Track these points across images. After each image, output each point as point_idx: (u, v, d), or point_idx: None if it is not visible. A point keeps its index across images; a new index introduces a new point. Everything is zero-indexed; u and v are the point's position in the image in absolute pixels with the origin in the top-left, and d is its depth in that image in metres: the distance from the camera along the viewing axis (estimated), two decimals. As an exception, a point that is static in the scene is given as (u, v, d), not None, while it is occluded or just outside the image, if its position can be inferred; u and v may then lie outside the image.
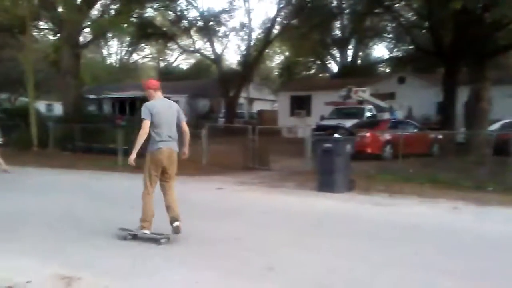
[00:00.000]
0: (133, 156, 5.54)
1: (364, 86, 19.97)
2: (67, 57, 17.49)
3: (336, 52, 37.09)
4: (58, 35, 19.16)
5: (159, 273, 4.26)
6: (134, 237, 5.34)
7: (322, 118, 18.51)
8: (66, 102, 18.54)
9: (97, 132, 16.50)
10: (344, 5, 22.95)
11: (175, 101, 21.68)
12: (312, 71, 40.93)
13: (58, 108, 37.58)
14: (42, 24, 23.66)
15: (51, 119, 20.61)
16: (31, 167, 12.59)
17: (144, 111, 5.37)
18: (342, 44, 34.63)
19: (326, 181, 8.89)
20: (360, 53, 38.64)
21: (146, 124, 5.33)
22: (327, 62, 38.99)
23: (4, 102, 38.21)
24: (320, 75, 40.46)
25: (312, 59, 38.28)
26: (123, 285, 4.03)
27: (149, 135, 5.41)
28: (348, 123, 15.93)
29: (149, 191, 5.51)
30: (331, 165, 8.73)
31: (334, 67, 38.58)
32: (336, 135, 9.48)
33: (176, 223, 5.26)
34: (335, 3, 23.04)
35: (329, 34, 30.81)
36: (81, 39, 19.86)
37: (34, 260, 4.57)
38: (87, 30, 21.16)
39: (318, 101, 25.08)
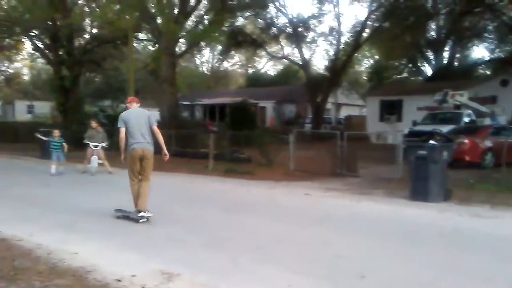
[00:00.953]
0: (122, 156, 6.92)
1: (461, 89, 18.76)
2: (165, 66, 18.58)
3: (430, 54, 35.29)
4: (157, 45, 20.39)
5: (253, 273, 4.37)
6: (127, 218, 6.64)
7: (415, 123, 17.68)
8: (163, 109, 19.64)
9: (190, 137, 17.30)
10: (440, 5, 21.78)
11: (262, 107, 22.09)
12: (404, 75, 39.31)
13: (154, 114, 40.16)
14: (142, 35, 25.51)
15: (149, 124, 21.97)
16: (131, 169, 13.48)
17: (119, 121, 6.74)
18: (437, 46, 32.89)
19: (419, 189, 8.49)
20: (457, 55, 36.40)
21: (121, 131, 6.69)
22: (420, 65, 37.24)
23: (107, 108, 41.55)
24: (413, 78, 38.69)
25: (404, 62, 36.82)
26: (220, 283, 4.17)
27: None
28: (444, 128, 15.05)
29: (133, 182, 6.83)
30: (426, 172, 8.33)
31: (428, 70, 36.72)
32: (431, 142, 9.01)
33: (142, 213, 6.53)
34: (430, 3, 21.96)
35: (423, 36, 29.45)
36: (176, 49, 20.98)
37: (138, 255, 4.93)
38: (183, 40, 22.30)
39: (410, 106, 24.05)
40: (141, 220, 6.47)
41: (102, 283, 4.00)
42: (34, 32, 23.39)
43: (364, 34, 27.51)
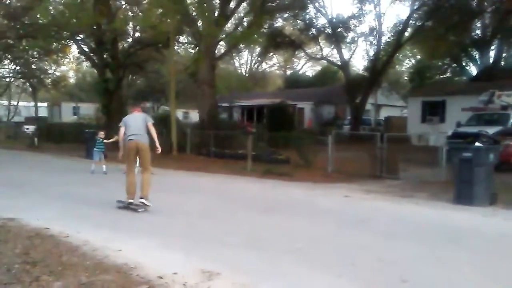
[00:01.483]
0: (120, 153, 8.03)
1: (508, 89, 17.98)
2: (205, 69, 18.84)
3: (475, 54, 34.04)
4: (197, 48, 20.70)
5: (294, 275, 4.38)
6: (127, 207, 7.47)
7: (459, 124, 17.10)
8: (202, 110, 19.92)
9: (229, 138, 17.46)
10: (485, 3, 21.00)
11: (300, 108, 22.12)
12: (447, 75, 38.12)
13: (193, 116, 40.84)
14: (183, 38, 25.99)
15: (188, 126, 22.37)
16: (172, 170, 13.75)
17: (122, 122, 7.98)
18: (482, 45, 31.69)
19: (464, 193, 8.23)
20: (504, 54, 34.91)
21: (121, 130, 7.89)
22: (464, 65, 36.01)
23: (148, 110, 42.53)
24: (456, 78, 37.45)
25: (447, 62, 35.72)
26: (261, 284, 4.19)
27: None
28: (491, 130, 14.49)
29: (128, 172, 7.73)
30: (471, 175, 8.07)
31: (472, 70, 35.45)
32: (477, 144, 8.71)
33: (143, 200, 7.37)
34: (475, 1, 21.22)
35: (468, 35, 28.47)
36: (216, 51, 21.23)
37: (179, 254, 5.03)
38: (222, 42, 22.54)
39: (454, 107, 23.26)
40: (139, 210, 7.33)
41: (145, 280, 4.10)
42: (80, 37, 24.28)
43: (406, 34, 26.94)
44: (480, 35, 30.76)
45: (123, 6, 25.44)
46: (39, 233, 5.60)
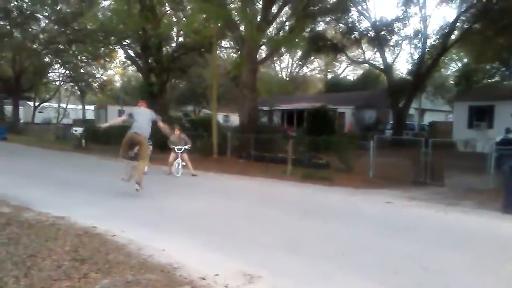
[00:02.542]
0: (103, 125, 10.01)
1: None
2: (246, 73, 18.98)
3: (526, 57, 32.56)
4: (239, 52, 20.90)
5: (335, 281, 4.35)
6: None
7: (508, 131, 16.43)
8: (243, 114, 20.04)
9: (269, 142, 17.50)
10: (538, 5, 20.09)
11: (341, 112, 21.87)
12: (496, 79, 36.65)
13: (233, 119, 41.23)
14: (225, 43, 26.33)
15: (229, 129, 22.59)
16: (212, 172, 13.97)
17: (126, 112, 9.37)
18: (533, 48, 30.28)
19: (513, 202, 7.90)
20: (557, 57, 33.19)
21: (122, 118, 9.57)
22: (514, 69, 34.50)
23: (190, 113, 43.31)
24: (505, 82, 35.94)
25: (495, 65, 34.33)
26: (303, 287, 4.20)
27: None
28: (542, 137, 13.84)
29: (122, 156, 9.02)
30: (521, 184, 7.74)
31: (523, 74, 33.92)
32: (528, 151, 8.35)
33: (136, 186, 8.65)
34: (526, 3, 20.33)
35: (518, 37, 27.25)
36: (258, 55, 21.35)
37: (221, 255, 5.12)
38: (264, 46, 22.65)
39: (503, 112, 22.42)
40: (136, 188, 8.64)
41: (188, 280, 4.20)
42: (126, 42, 25.08)
43: (452, 36, 26.13)
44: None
45: (168, 12, 26.06)
46: (87, 231, 5.83)
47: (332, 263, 4.91)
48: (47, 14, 28.09)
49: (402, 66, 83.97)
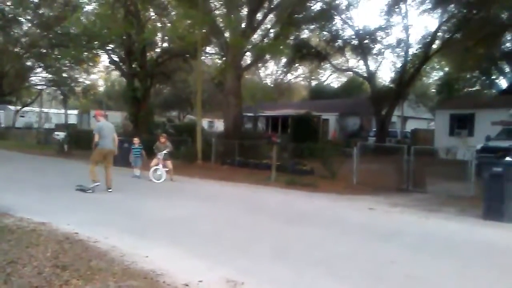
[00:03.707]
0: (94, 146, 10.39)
1: (541, 103, 17.54)
2: (231, 79, 19.01)
3: (505, 67, 33.31)
4: (224, 58, 20.95)
5: (310, 285, 4.35)
6: (83, 190, 9.91)
7: (488, 138, 16.73)
8: (227, 120, 20.05)
9: (253, 148, 17.52)
10: (517, 16, 20.61)
11: (325, 119, 22.05)
12: (476, 87, 37.36)
13: (218, 125, 41.18)
14: (209, 49, 26.34)
15: (213, 135, 22.52)
16: (197, 178, 13.90)
17: (96, 129, 10.43)
18: (513, 58, 30.98)
19: (494, 208, 8.05)
20: (535, 67, 34.00)
21: (96, 136, 10.25)
22: (494, 78, 35.23)
23: (174, 119, 43.13)
24: (486, 91, 36.67)
25: (476, 74, 35.02)
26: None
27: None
28: (522, 145, 14.11)
29: (93, 166, 10.20)
30: (501, 191, 7.90)
31: (502, 83, 34.66)
32: (508, 158, 8.51)
33: (110, 190, 10.12)
34: (506, 14, 20.81)
35: (498, 47, 27.89)
36: (242, 62, 21.41)
37: (204, 262, 5.08)
38: (249, 53, 22.72)
39: (483, 120, 22.80)
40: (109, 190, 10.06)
41: (171, 287, 4.16)
42: (110, 46, 24.91)
43: (434, 46, 26.61)
44: (510, 47, 30.10)
45: (152, 17, 25.99)
46: (69, 237, 5.73)
47: (316, 270, 4.91)
48: (29, 17, 27.76)
49: (385, 74, 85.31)
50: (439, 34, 25.84)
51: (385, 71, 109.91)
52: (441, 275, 4.88)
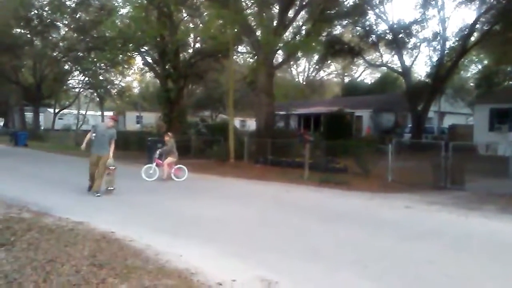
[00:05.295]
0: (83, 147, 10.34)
1: None
2: (263, 78, 18.98)
3: (548, 58, 31.85)
4: (256, 57, 20.96)
5: (345, 286, 4.30)
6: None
7: (531, 133, 16.08)
8: (259, 119, 20.02)
9: (286, 147, 17.44)
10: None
11: (358, 116, 21.70)
12: (517, 81, 35.91)
13: (250, 124, 41.27)
14: (241, 48, 26.41)
15: (245, 134, 22.56)
16: (229, 177, 13.96)
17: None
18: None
19: (538, 207, 7.70)
20: None
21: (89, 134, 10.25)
22: (536, 70, 33.78)
23: (207, 118, 43.51)
24: (527, 84, 35.21)
25: (517, 67, 33.67)
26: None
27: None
28: None
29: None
30: (545, 188, 7.54)
31: (545, 76, 33.20)
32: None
33: (97, 193, 9.53)
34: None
35: (539, 38, 26.70)
36: (274, 60, 21.34)
37: (238, 261, 5.10)
38: (280, 51, 22.63)
39: (525, 115, 21.92)
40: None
41: (205, 286, 4.19)
42: (144, 48, 25.36)
43: (472, 38, 25.74)
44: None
45: (185, 18, 26.29)
46: (106, 236, 5.87)
47: (351, 270, 4.83)
48: (66, 22, 28.63)
49: (421, 69, 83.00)
50: (477, 26, 24.99)
51: (421, 66, 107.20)
52: (481, 275, 4.71)
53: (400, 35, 27.64)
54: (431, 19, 27.60)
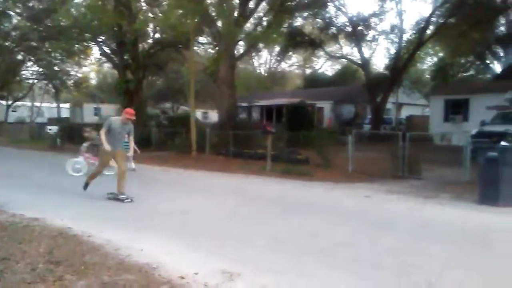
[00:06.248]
0: (107, 147, 8.21)
1: (535, 87, 17.54)
2: (224, 69, 18.84)
3: (500, 51, 33.30)
4: (217, 48, 20.75)
5: (317, 277, 4.33)
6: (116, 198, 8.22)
7: (483, 123, 16.74)
8: (221, 110, 19.91)
9: (248, 138, 17.41)
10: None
11: (320, 107, 21.81)
12: (470, 73, 37.37)
13: (212, 116, 40.99)
14: (202, 39, 26.08)
15: (207, 126, 22.39)
16: (191, 170, 13.83)
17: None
18: (507, 42, 30.94)
19: (489, 193, 8.05)
20: (530, 51, 33.99)
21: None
22: (488, 62, 35.25)
23: (168, 110, 42.88)
24: (480, 76, 36.72)
25: (470, 59, 35.02)
26: (283, 284, 4.16)
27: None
28: (517, 129, 14.12)
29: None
30: (496, 175, 7.88)
31: (497, 68, 34.71)
32: (503, 143, 8.49)
33: (122, 194, 8.28)
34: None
35: (492, 32, 27.86)
36: (235, 51, 21.21)
37: (200, 254, 5.03)
38: (242, 42, 22.52)
39: (478, 105, 22.81)
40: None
41: (166, 280, 4.10)
42: (101, 38, 24.61)
43: (428, 31, 26.51)
44: (504, 32, 30.08)
45: (144, 7, 25.65)
46: (63, 232, 5.66)
47: (314, 259, 4.87)
48: (19, 11, 27.34)
49: (379, 61, 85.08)
50: (433, 19, 25.74)
51: (380, 58, 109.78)
52: (439, 262, 4.85)
53: (359, 28, 28.12)
54: (389, 12, 28.24)
